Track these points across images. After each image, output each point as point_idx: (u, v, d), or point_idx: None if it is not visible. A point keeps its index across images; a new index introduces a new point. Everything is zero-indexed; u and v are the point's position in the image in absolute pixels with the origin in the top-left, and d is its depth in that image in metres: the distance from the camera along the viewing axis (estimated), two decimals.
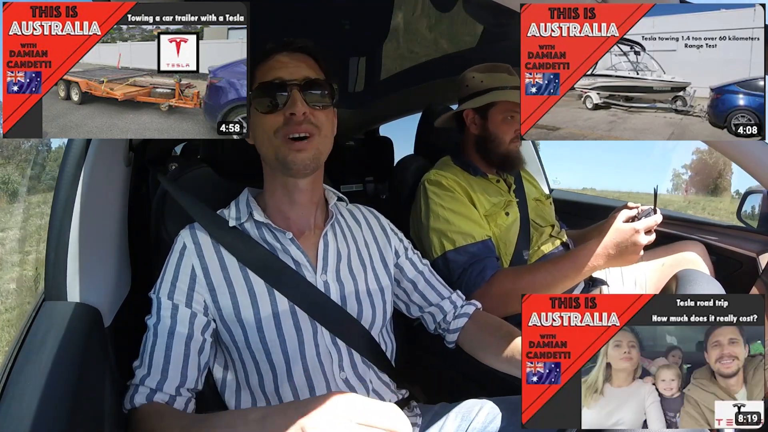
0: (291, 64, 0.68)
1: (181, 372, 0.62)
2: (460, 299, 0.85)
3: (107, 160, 0.71)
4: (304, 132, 0.66)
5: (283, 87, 0.65)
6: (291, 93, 0.65)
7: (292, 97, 0.65)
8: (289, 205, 0.73)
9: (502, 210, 1.13)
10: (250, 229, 0.71)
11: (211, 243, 0.68)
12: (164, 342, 0.62)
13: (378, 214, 0.87)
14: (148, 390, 0.60)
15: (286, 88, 0.65)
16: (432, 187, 1.11)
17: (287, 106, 0.65)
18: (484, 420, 0.72)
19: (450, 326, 0.82)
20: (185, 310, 0.65)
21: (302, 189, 0.72)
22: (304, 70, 0.68)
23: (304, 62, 0.69)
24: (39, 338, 0.54)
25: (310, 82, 0.67)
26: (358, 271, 0.76)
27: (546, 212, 1.26)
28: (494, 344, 0.73)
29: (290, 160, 0.66)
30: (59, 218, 0.63)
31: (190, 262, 0.67)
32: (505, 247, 1.12)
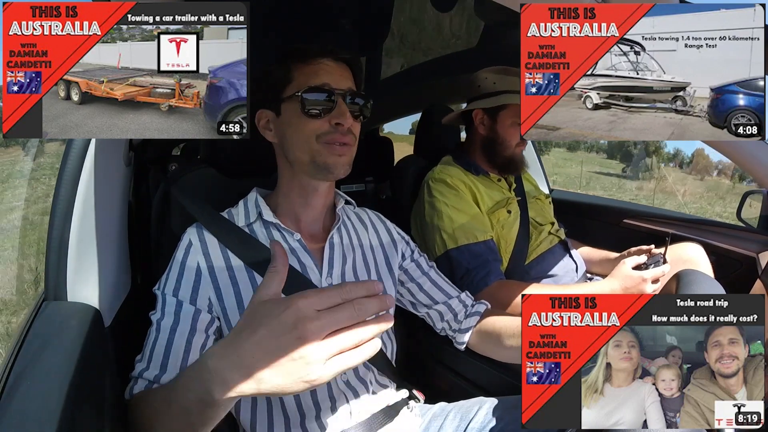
0: (337, 72, 0.68)
1: (180, 366, 0.62)
2: (469, 299, 0.85)
3: (107, 160, 0.71)
4: (347, 141, 0.67)
5: (330, 93, 0.66)
6: (338, 101, 0.66)
7: (340, 106, 0.66)
8: (303, 207, 0.73)
9: (504, 208, 1.13)
10: (258, 230, 0.72)
11: (216, 242, 0.69)
12: (166, 337, 0.63)
13: (384, 218, 0.87)
14: (146, 382, 0.61)
15: (333, 95, 0.66)
16: (436, 184, 1.11)
17: (334, 115, 0.66)
18: (483, 420, 0.72)
19: (462, 326, 0.82)
20: (189, 307, 0.65)
21: (320, 192, 0.73)
22: (348, 80, 0.69)
23: (347, 72, 0.70)
24: (39, 338, 0.54)
25: (354, 93, 0.68)
26: (362, 274, 0.76)
27: (545, 211, 1.27)
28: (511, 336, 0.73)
29: (332, 164, 0.67)
30: (59, 218, 0.63)
31: (196, 260, 0.67)
32: (505, 244, 1.12)
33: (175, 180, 0.83)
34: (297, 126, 0.67)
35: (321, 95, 0.66)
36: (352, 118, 0.68)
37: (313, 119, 0.66)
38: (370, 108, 0.71)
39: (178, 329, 0.63)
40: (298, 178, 0.71)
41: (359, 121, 0.70)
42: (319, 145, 0.67)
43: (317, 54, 0.68)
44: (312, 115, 0.66)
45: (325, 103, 0.66)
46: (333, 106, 0.66)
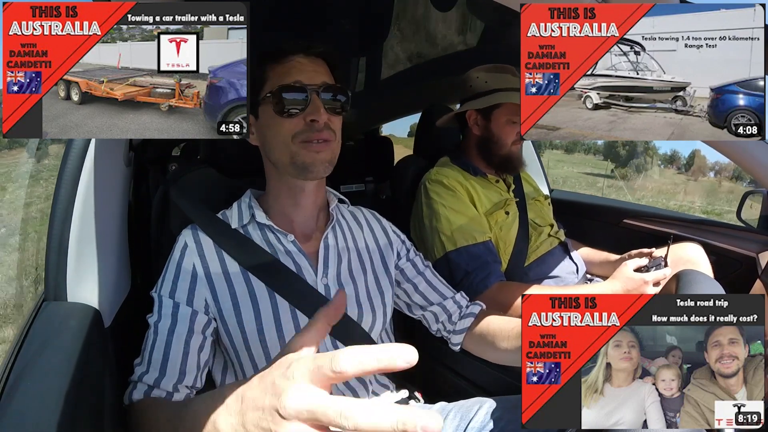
0: (310, 67, 0.67)
1: (179, 369, 0.62)
2: (464, 300, 0.85)
3: (107, 160, 0.71)
4: (324, 138, 0.65)
5: (302, 91, 0.64)
6: (311, 98, 0.64)
7: (313, 102, 0.64)
8: (293, 207, 0.72)
9: (502, 209, 1.13)
10: (252, 231, 0.71)
11: (212, 243, 0.68)
12: (164, 340, 0.63)
13: (380, 217, 0.87)
14: (146, 386, 0.61)
15: (306, 92, 0.64)
16: (433, 186, 1.11)
17: (308, 112, 0.64)
18: (483, 419, 0.72)
19: (456, 327, 0.81)
20: (186, 309, 0.65)
21: (308, 191, 0.72)
22: (322, 75, 0.67)
23: (321, 67, 0.68)
24: (39, 339, 0.54)
25: (329, 88, 0.66)
26: (358, 274, 0.76)
27: (544, 212, 1.27)
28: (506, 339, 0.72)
29: (310, 163, 0.65)
30: (59, 218, 0.63)
31: (191, 261, 0.67)
32: (504, 246, 1.12)
33: (175, 180, 0.83)
34: (273, 127, 0.66)
35: (294, 94, 0.64)
36: (329, 113, 0.66)
37: (288, 119, 0.65)
38: (349, 101, 0.69)
39: (175, 331, 0.63)
40: (284, 180, 0.71)
41: (338, 115, 0.68)
42: (296, 145, 0.65)
43: (289, 51, 0.67)
44: (287, 115, 0.65)
45: (298, 102, 0.64)
46: (306, 104, 0.64)
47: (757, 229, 1.33)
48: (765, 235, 1.28)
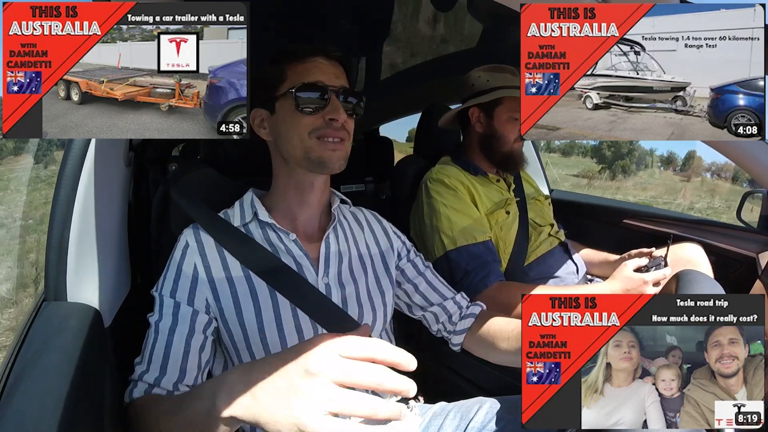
0: (330, 69, 0.69)
1: (179, 368, 0.62)
2: (464, 300, 0.85)
3: (107, 160, 0.71)
4: (340, 137, 0.68)
5: (324, 91, 0.67)
6: (331, 98, 0.67)
7: (332, 102, 0.67)
8: (299, 204, 0.73)
9: (503, 209, 1.13)
10: (254, 230, 0.72)
11: (213, 243, 0.69)
12: (165, 339, 0.63)
13: (380, 218, 0.87)
14: (147, 385, 0.61)
15: (327, 92, 0.67)
16: (435, 185, 1.11)
17: (328, 111, 0.67)
18: (483, 419, 0.72)
19: (456, 327, 0.82)
20: (187, 308, 0.65)
21: (316, 188, 0.73)
22: (340, 78, 0.70)
23: (339, 70, 0.71)
24: (39, 339, 0.54)
25: (347, 91, 0.69)
26: (359, 274, 0.76)
27: (544, 212, 1.27)
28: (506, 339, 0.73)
29: (327, 158, 0.68)
30: (59, 218, 0.63)
31: (192, 261, 0.67)
32: (504, 245, 1.12)
33: (175, 180, 0.83)
34: (291, 122, 0.68)
35: (314, 93, 0.67)
36: (346, 115, 0.68)
37: (306, 116, 0.67)
38: (363, 106, 0.72)
39: (176, 330, 0.63)
40: (294, 175, 0.72)
41: (352, 119, 0.71)
42: (312, 140, 0.68)
43: (310, 53, 0.69)
44: (306, 112, 0.67)
45: (318, 101, 0.67)
46: (326, 103, 0.67)
47: (757, 229, 1.33)
48: (765, 235, 1.28)
